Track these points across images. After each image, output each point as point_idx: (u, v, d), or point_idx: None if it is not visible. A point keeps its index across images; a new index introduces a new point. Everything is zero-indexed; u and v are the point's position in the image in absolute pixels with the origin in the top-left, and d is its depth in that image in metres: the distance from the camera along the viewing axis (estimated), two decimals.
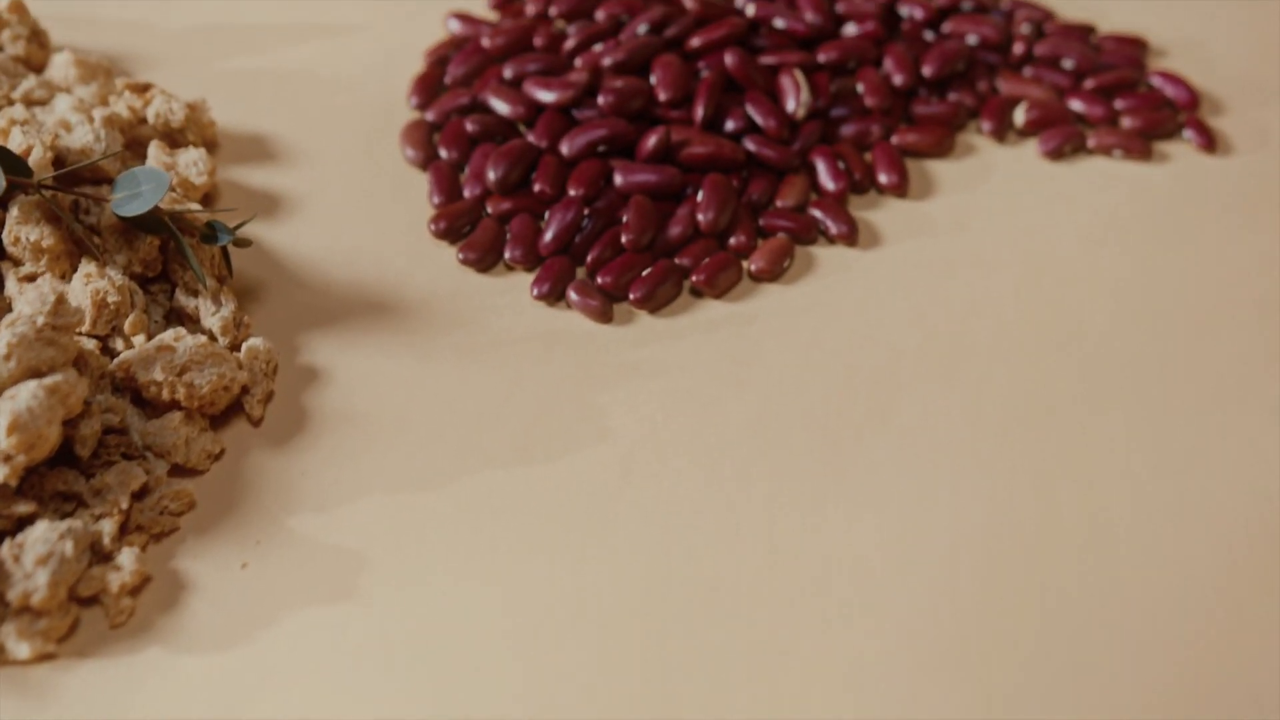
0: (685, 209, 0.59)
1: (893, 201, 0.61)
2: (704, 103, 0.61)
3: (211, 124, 0.61)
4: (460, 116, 0.62)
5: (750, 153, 0.61)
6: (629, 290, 0.56)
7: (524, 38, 0.65)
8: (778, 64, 0.64)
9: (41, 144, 0.55)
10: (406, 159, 0.61)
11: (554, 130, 0.61)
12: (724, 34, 0.64)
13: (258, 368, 0.52)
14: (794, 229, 0.59)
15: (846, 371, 0.54)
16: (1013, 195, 0.61)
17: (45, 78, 0.61)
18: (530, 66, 0.63)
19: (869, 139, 0.63)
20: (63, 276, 0.53)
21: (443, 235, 0.58)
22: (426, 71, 0.65)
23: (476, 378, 0.54)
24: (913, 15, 0.67)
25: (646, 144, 0.60)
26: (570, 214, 0.58)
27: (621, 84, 0.61)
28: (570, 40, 0.64)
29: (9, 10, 0.62)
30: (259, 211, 0.59)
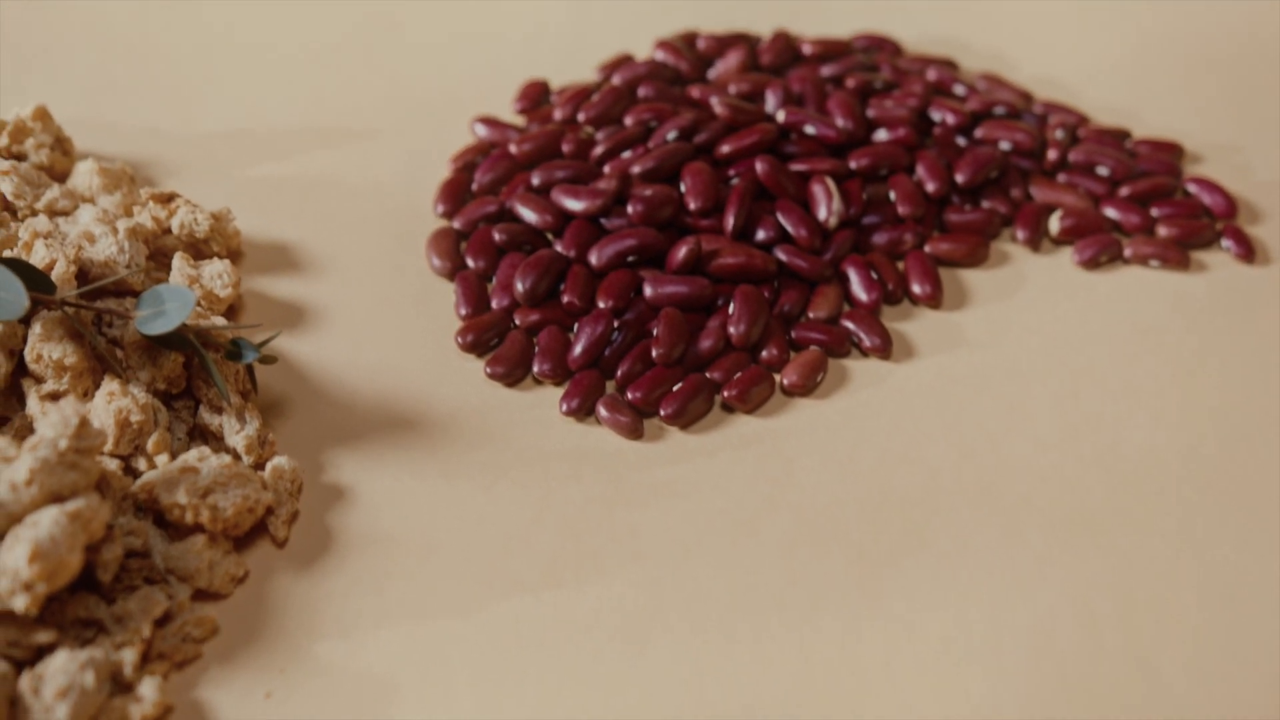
0: (716, 321, 0.58)
1: (926, 312, 0.60)
2: (735, 212, 0.60)
3: (236, 234, 0.60)
4: (488, 225, 0.61)
5: (782, 263, 0.60)
6: (660, 406, 0.55)
7: (552, 144, 0.64)
8: (809, 171, 0.63)
9: (65, 258, 0.54)
10: (433, 268, 0.61)
11: (583, 240, 0.60)
12: (754, 141, 0.63)
13: (283, 488, 0.51)
14: (827, 341, 0.58)
15: (882, 490, 0.53)
16: (1048, 306, 0.60)
17: (69, 186, 0.60)
18: (558, 174, 0.62)
19: (902, 248, 0.62)
20: (85, 394, 0.52)
21: (470, 348, 0.57)
22: (453, 178, 0.64)
23: (504, 497, 0.53)
24: (945, 120, 0.66)
25: (677, 255, 0.59)
26: (600, 327, 0.57)
27: (651, 193, 0.60)
28: (599, 147, 0.63)
29: (33, 118, 0.62)
30: (283, 324, 0.58)
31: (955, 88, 0.68)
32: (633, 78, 0.67)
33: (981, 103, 0.67)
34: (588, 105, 0.65)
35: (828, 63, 0.69)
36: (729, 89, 0.67)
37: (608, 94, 0.66)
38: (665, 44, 0.69)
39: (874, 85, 0.67)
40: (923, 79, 0.68)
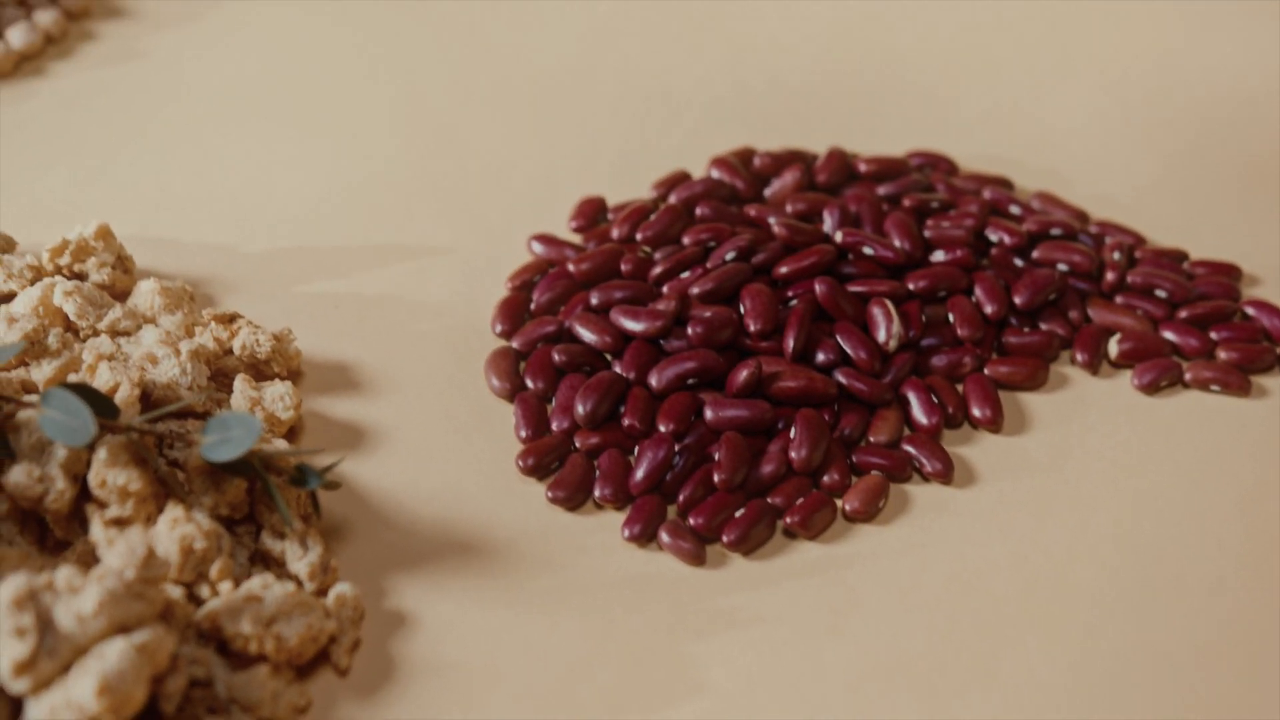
0: (777, 445, 0.58)
1: (987, 436, 0.60)
2: (795, 335, 0.60)
3: (297, 354, 0.60)
4: (547, 345, 0.61)
5: (842, 386, 0.60)
6: (722, 532, 0.55)
7: (610, 263, 0.64)
8: (868, 293, 0.63)
9: (129, 381, 0.54)
10: (492, 388, 0.61)
11: (642, 361, 0.60)
12: (813, 262, 0.63)
13: (345, 615, 0.51)
14: (888, 466, 0.58)
15: (947, 621, 0.53)
16: (1109, 430, 0.60)
17: (130, 306, 0.61)
18: (617, 294, 0.62)
19: (961, 370, 0.62)
20: (148, 519, 0.52)
21: (531, 472, 0.57)
22: (511, 297, 0.64)
23: (567, 625, 0.52)
24: (1002, 241, 0.66)
25: (737, 378, 0.59)
26: (661, 452, 0.57)
27: (710, 314, 0.60)
28: (657, 267, 0.63)
29: (96, 237, 0.62)
30: (344, 445, 0.58)
31: (1011, 207, 0.68)
32: (690, 196, 0.67)
33: (1038, 223, 0.67)
34: (645, 224, 0.66)
35: (884, 182, 0.69)
36: (786, 208, 0.67)
37: (665, 213, 0.66)
38: (721, 162, 0.69)
39: (930, 205, 0.67)
40: (978, 198, 0.68)
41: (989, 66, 0.78)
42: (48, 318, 0.59)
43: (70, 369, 0.56)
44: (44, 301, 0.59)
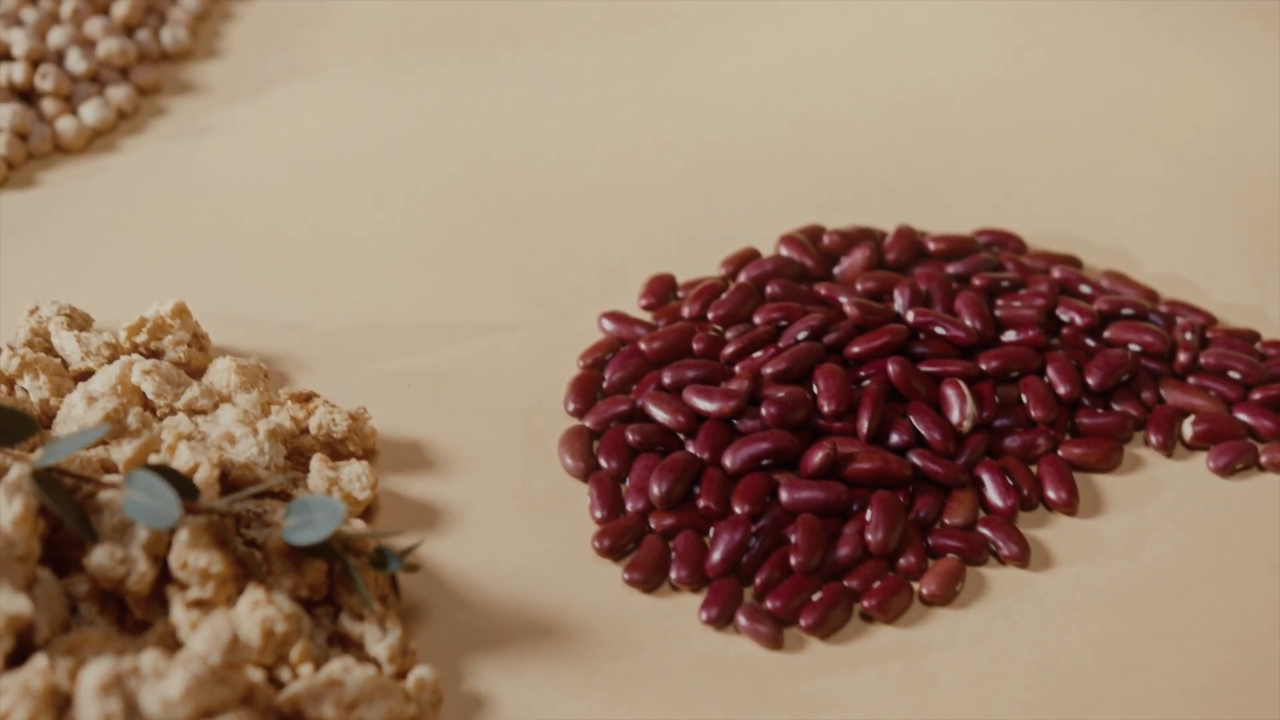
0: (853, 527, 0.58)
1: (1062, 519, 0.60)
2: (869, 416, 0.60)
3: (372, 433, 0.60)
4: (620, 425, 0.61)
5: (916, 467, 0.60)
6: (799, 616, 0.55)
7: (682, 342, 0.64)
8: (940, 373, 0.63)
9: (208, 461, 0.55)
10: (566, 467, 0.61)
11: (716, 442, 0.60)
12: (885, 342, 0.63)
13: (424, 699, 0.51)
14: (964, 549, 0.58)
15: (1026, 708, 0.52)
16: (1185, 514, 0.60)
17: (207, 384, 0.61)
18: (689, 373, 0.63)
19: (1035, 452, 0.61)
20: (228, 600, 0.52)
21: (607, 553, 0.57)
22: (583, 375, 0.64)
23: (645, 709, 0.52)
24: (1073, 321, 0.66)
25: (812, 460, 0.59)
26: (738, 534, 0.57)
27: (784, 395, 0.60)
28: (729, 346, 0.64)
29: (172, 315, 0.62)
30: (419, 524, 0.58)
31: (1081, 286, 0.68)
32: (760, 275, 0.67)
33: (1109, 303, 0.67)
34: (716, 303, 0.66)
35: (953, 260, 0.69)
36: (856, 287, 0.67)
37: (736, 292, 0.66)
38: (790, 239, 0.70)
39: (1000, 284, 0.67)
40: (1048, 277, 0.68)
41: (1055, 143, 0.78)
42: (125, 396, 0.59)
43: (150, 449, 0.56)
44: (122, 380, 0.59)
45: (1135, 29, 0.85)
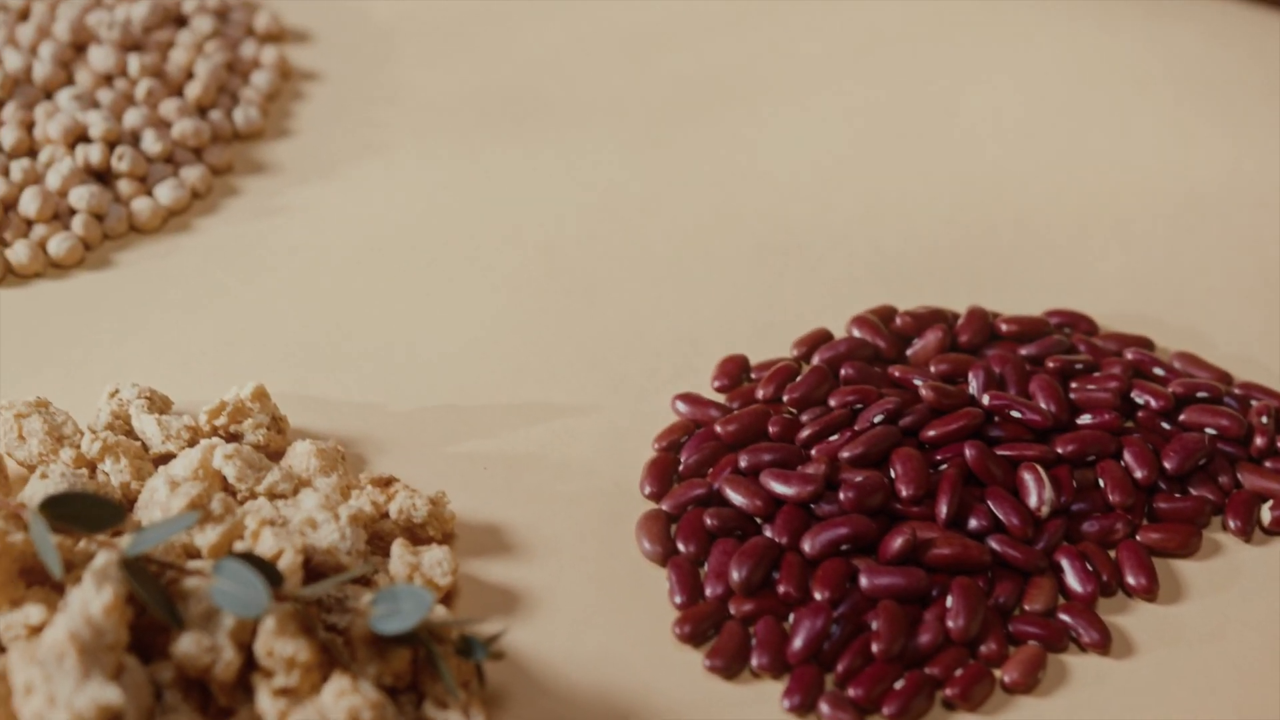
0: (933, 614, 0.58)
1: (1142, 605, 0.60)
2: (947, 501, 0.60)
3: (452, 518, 0.60)
4: (698, 508, 0.62)
5: (995, 553, 0.60)
6: (882, 704, 0.55)
7: (757, 425, 0.64)
8: (1016, 457, 0.63)
9: (292, 548, 0.55)
10: (644, 552, 0.61)
11: (795, 527, 0.60)
12: (961, 426, 0.63)
13: None
14: (1045, 636, 0.58)
15: None
16: (1267, 599, 0.60)
17: (286, 467, 0.61)
18: (766, 456, 0.63)
19: (1113, 537, 0.61)
20: (313, 688, 0.52)
21: (688, 639, 0.57)
22: (659, 458, 0.64)
23: None
24: (1148, 404, 0.66)
25: (892, 545, 0.59)
26: (819, 621, 0.57)
27: (861, 479, 0.61)
28: (805, 429, 0.64)
29: (252, 398, 0.63)
30: (499, 610, 0.58)
31: (1154, 369, 0.68)
32: (834, 357, 0.68)
33: (1183, 386, 0.66)
34: (791, 386, 0.66)
35: (1025, 342, 0.69)
36: (930, 369, 0.67)
37: (811, 375, 0.66)
38: (862, 321, 0.70)
39: (1074, 366, 0.67)
40: (1122, 360, 0.68)
41: (1123, 223, 0.78)
42: (207, 480, 0.60)
43: (234, 535, 0.56)
44: (204, 464, 0.60)
45: (1204, 108, 0.85)
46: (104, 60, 0.80)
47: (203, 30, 0.84)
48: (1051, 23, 0.92)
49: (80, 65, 0.81)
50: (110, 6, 0.85)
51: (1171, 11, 0.92)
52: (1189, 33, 0.91)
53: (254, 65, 0.85)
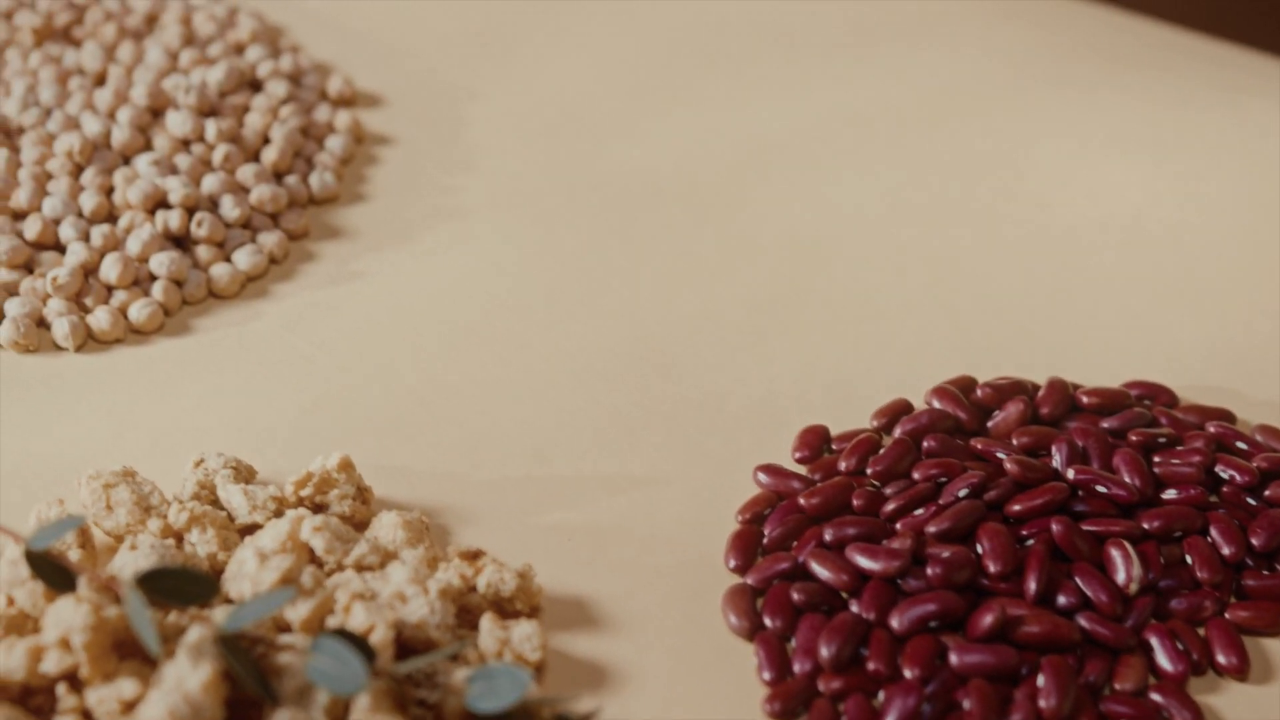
0: (1024, 693, 0.57)
1: (1232, 684, 0.59)
2: (1036, 577, 0.60)
3: (539, 591, 0.60)
4: (783, 583, 0.61)
5: (1084, 630, 0.59)
6: None
7: (841, 498, 0.64)
8: (1102, 533, 0.62)
9: (384, 623, 0.55)
10: (730, 626, 0.61)
11: (882, 602, 0.60)
12: (1046, 501, 0.63)
13: None
14: (1137, 717, 0.57)
15: None
16: None
17: (372, 538, 0.61)
18: (850, 530, 0.63)
19: (1202, 614, 0.61)
20: None
21: (778, 717, 0.57)
22: (742, 530, 0.64)
23: None
24: (1233, 478, 0.65)
25: (982, 622, 0.58)
26: (910, 699, 0.57)
27: (949, 555, 0.60)
28: (890, 503, 0.64)
29: (338, 469, 0.63)
30: (587, 684, 0.58)
31: (1237, 443, 0.68)
32: (916, 429, 0.67)
33: (1268, 460, 0.66)
34: (874, 458, 0.66)
35: (1107, 415, 0.69)
36: (1012, 442, 0.67)
37: (895, 447, 0.66)
38: (943, 392, 0.70)
39: (1157, 440, 0.67)
40: (1204, 433, 0.68)
41: (1201, 292, 0.78)
42: (295, 553, 0.60)
43: (325, 610, 0.56)
44: (292, 536, 0.60)
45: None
46: (181, 125, 0.80)
47: (277, 94, 0.85)
48: (1127, 86, 0.92)
49: (157, 130, 0.81)
50: (186, 71, 0.85)
51: (1246, 83, 0.92)
52: (1265, 103, 0.90)
53: (328, 129, 0.85)
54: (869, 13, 0.97)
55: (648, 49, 0.94)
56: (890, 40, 0.95)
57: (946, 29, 0.96)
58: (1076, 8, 1.00)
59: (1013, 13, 0.98)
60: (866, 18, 0.96)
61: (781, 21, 0.96)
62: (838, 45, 0.95)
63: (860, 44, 0.95)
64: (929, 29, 0.97)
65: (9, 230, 0.75)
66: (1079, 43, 0.96)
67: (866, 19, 0.96)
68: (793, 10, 0.97)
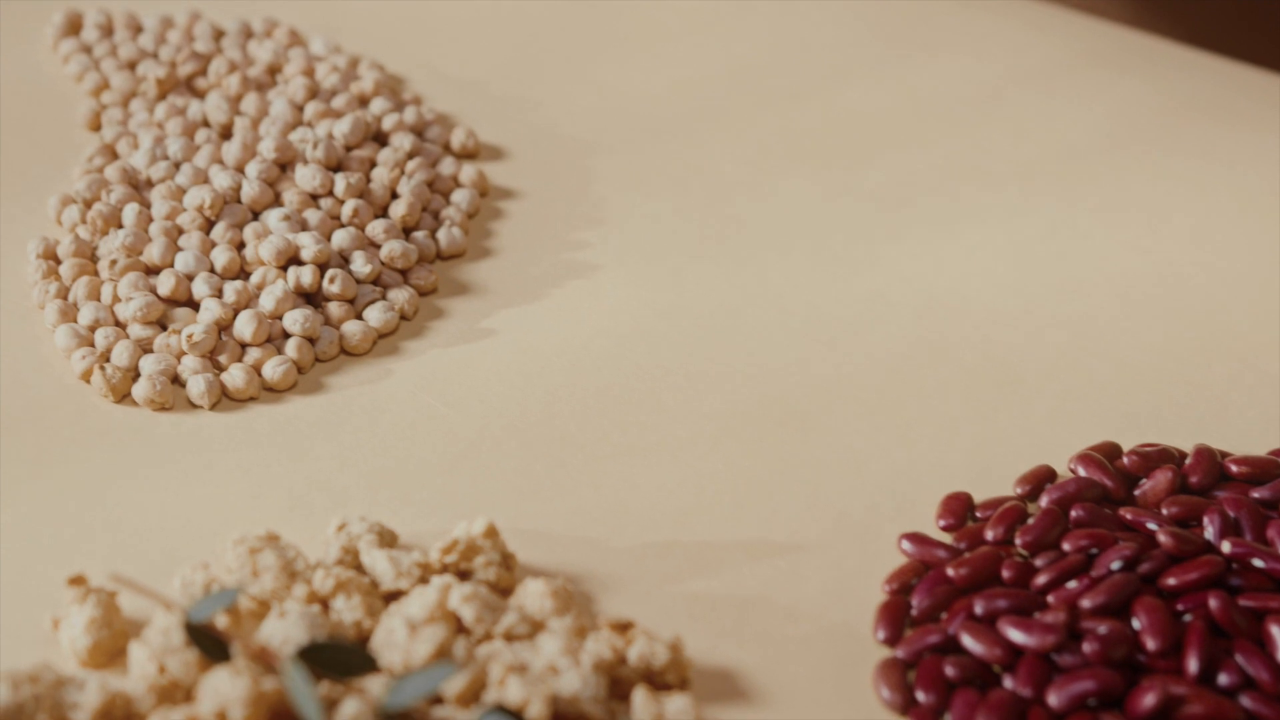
0: None
1: None
2: (1197, 655, 0.59)
3: (689, 663, 0.60)
4: (935, 656, 0.60)
5: (1248, 711, 0.58)
6: None
7: (990, 569, 0.63)
8: (1262, 609, 0.61)
9: (540, 698, 0.54)
10: (883, 700, 0.60)
11: (1038, 678, 0.59)
12: (1203, 575, 0.62)
13: None
14: None
15: None
16: None
17: (519, 607, 0.61)
18: (1001, 603, 0.62)
19: None
20: None
21: None
22: (890, 601, 0.63)
23: None
24: None
25: (1143, 702, 0.57)
26: None
27: (1106, 630, 0.59)
28: (1041, 575, 0.62)
29: (484, 535, 0.62)
30: None
31: None
32: (1063, 498, 0.66)
33: None
34: (1023, 529, 0.65)
35: (1257, 484, 0.68)
36: (1162, 512, 0.66)
37: (1044, 517, 0.65)
38: (1088, 460, 0.68)
39: None
40: None
41: None
42: (446, 623, 0.59)
43: (480, 683, 0.56)
44: (440, 605, 0.59)
45: None
46: (310, 180, 0.80)
47: (403, 148, 0.84)
48: (1263, 144, 0.90)
49: (285, 183, 0.81)
50: (311, 124, 0.85)
51: None
52: None
53: (454, 183, 0.85)
54: (994, 71, 0.96)
55: (772, 103, 0.94)
56: (1019, 96, 0.94)
57: (1077, 85, 0.95)
58: (1205, 61, 0.98)
59: (1149, 71, 0.97)
60: (991, 75, 0.95)
61: (908, 79, 0.95)
62: (966, 101, 0.94)
63: (988, 100, 0.94)
64: (1059, 85, 0.95)
65: (142, 286, 0.75)
66: (1211, 98, 0.95)
67: (991, 77, 0.95)
68: (919, 69, 0.96)
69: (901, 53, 0.99)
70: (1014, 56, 0.98)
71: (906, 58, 0.98)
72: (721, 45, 1.00)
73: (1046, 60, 0.98)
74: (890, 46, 1.00)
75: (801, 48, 1.00)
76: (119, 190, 0.80)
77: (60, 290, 0.76)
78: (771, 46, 1.00)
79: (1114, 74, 0.97)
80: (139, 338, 0.73)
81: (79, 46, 0.94)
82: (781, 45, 1.00)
